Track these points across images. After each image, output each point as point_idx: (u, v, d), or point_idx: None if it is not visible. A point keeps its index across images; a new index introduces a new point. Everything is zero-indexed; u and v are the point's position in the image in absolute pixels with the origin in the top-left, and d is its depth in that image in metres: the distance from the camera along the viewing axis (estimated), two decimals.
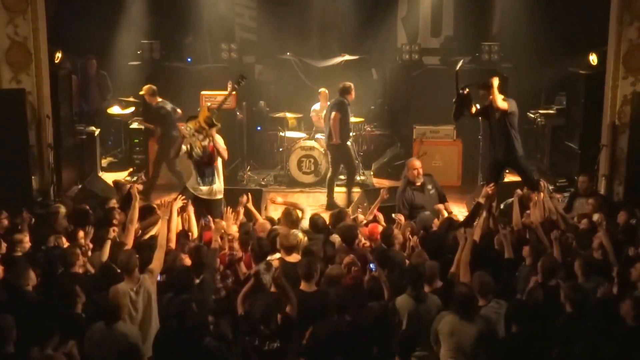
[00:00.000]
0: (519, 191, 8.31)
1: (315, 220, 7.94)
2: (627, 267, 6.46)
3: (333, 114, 10.89)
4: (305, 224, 8.03)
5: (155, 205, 8.56)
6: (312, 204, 10.91)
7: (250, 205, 8.60)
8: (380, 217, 8.53)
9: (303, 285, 6.24)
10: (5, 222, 8.02)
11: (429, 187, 9.19)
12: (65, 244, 7.46)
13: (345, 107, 10.97)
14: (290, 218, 7.95)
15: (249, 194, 8.78)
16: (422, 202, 9.01)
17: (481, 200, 8.02)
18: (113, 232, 7.42)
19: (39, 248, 7.43)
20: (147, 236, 7.92)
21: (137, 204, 7.76)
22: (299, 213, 8.21)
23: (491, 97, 8.39)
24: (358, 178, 11.92)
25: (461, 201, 10.77)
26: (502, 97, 8.48)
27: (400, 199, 9.07)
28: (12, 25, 10.11)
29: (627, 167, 10.29)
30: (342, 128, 10.94)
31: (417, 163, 9.30)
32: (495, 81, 8.36)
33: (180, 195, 8.27)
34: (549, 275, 6.35)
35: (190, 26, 13.44)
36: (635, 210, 8.34)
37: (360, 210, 9.78)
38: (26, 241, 7.29)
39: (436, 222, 8.27)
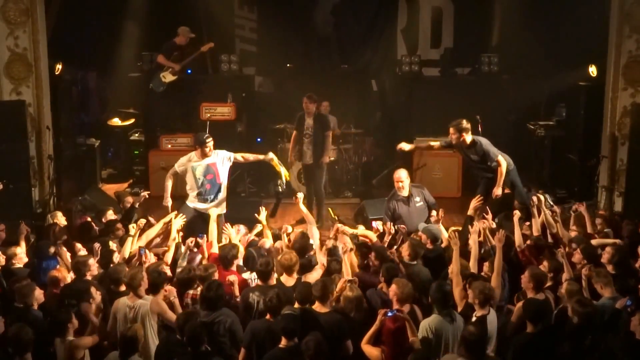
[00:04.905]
0: (518, 212, 7.99)
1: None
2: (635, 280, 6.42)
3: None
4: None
5: (151, 218, 8.55)
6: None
7: (262, 220, 8.20)
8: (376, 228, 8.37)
9: (317, 306, 6.05)
10: (3, 234, 8.02)
11: (417, 199, 8.70)
12: (65, 254, 7.46)
13: None
14: (303, 244, 7.52)
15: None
16: (404, 214, 8.59)
17: (470, 213, 7.97)
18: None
19: (38, 259, 7.43)
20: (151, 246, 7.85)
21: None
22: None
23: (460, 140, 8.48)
24: None
25: (462, 213, 10.70)
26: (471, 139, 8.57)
27: (385, 208, 8.82)
28: (12, 37, 10.16)
29: (627, 179, 10.30)
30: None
31: (400, 175, 8.74)
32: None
33: (180, 214, 8.14)
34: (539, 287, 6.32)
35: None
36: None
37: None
38: (20, 252, 7.28)
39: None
